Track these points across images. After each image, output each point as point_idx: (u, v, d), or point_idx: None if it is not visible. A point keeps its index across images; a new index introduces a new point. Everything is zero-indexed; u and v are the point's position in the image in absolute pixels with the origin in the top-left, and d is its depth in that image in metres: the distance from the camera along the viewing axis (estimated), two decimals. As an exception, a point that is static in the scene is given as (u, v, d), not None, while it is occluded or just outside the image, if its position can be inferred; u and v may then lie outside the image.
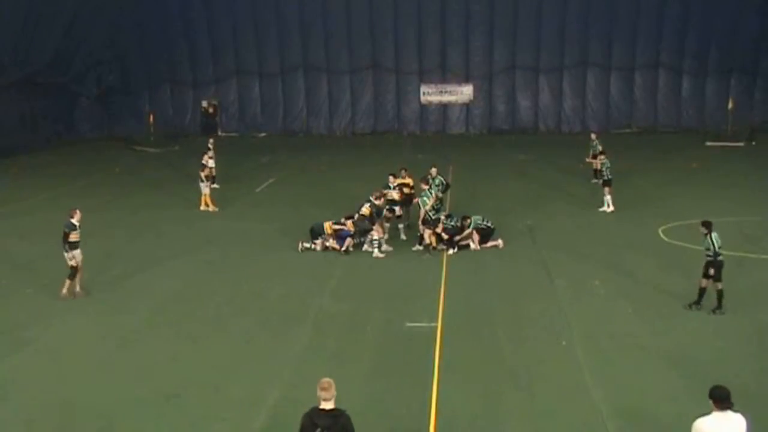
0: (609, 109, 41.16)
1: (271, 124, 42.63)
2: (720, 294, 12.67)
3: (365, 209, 17.03)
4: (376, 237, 16.87)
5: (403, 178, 19.07)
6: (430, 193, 17.23)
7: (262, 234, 19.04)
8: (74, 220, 13.87)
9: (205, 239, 18.68)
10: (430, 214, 16.91)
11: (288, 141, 39.76)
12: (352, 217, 17.31)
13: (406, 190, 18.83)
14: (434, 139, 39.49)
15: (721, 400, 6.30)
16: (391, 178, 18.64)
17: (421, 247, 17.09)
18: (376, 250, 16.80)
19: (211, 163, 24.58)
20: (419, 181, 17.90)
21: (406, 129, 42.23)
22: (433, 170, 18.77)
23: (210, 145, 25.43)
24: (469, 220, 17.19)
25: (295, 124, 42.66)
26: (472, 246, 17.05)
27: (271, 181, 27.31)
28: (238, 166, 30.76)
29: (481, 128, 41.92)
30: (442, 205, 17.94)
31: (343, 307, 13.45)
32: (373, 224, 16.96)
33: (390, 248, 17.24)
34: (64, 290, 13.98)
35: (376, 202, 17.10)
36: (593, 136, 25.24)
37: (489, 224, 17.31)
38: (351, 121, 42.43)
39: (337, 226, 17.10)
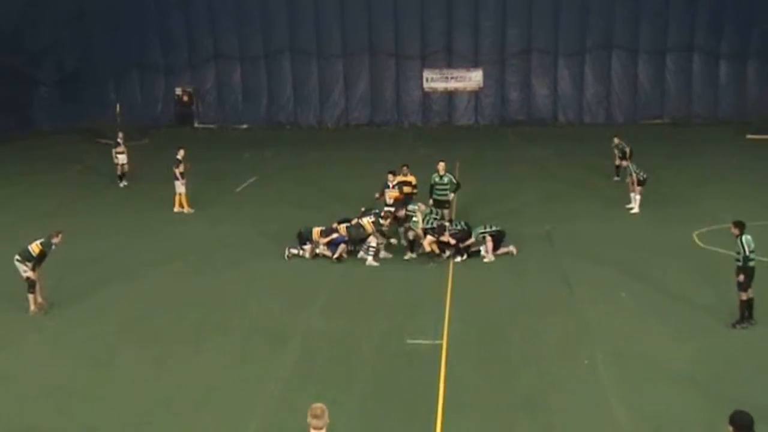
0: (636, 98, 41.15)
1: (254, 114, 42.58)
2: (745, 305, 12.67)
3: (367, 223, 16.99)
4: (373, 243, 16.89)
5: (404, 175, 19.05)
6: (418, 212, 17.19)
7: (243, 239, 19.02)
8: (55, 241, 14.21)
9: (179, 245, 18.70)
10: (430, 225, 16.87)
11: (273, 134, 39.72)
12: (346, 221, 17.33)
13: (407, 189, 18.81)
14: (439, 132, 39.48)
15: (744, 428, 6.23)
16: (390, 176, 18.62)
17: (414, 255, 17.11)
18: (370, 257, 16.79)
19: (121, 159, 25.98)
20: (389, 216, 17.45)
21: (407, 120, 42.19)
22: (441, 165, 18.76)
23: (120, 139, 26.34)
24: (471, 240, 17.04)
25: (281, 114, 42.63)
26: (487, 258, 16.88)
27: (253, 179, 27.26)
28: (217, 162, 30.72)
29: (491, 119, 41.89)
30: (439, 214, 17.81)
31: (336, 322, 13.43)
32: (371, 233, 16.96)
33: (389, 255, 17.26)
34: (33, 307, 14.09)
35: (383, 222, 17.08)
36: (616, 140, 25.35)
37: (495, 228, 17.22)
38: (344, 112, 42.38)
39: (326, 239, 17.01)
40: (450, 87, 42.00)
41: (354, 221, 17.24)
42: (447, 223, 17.14)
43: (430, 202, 18.50)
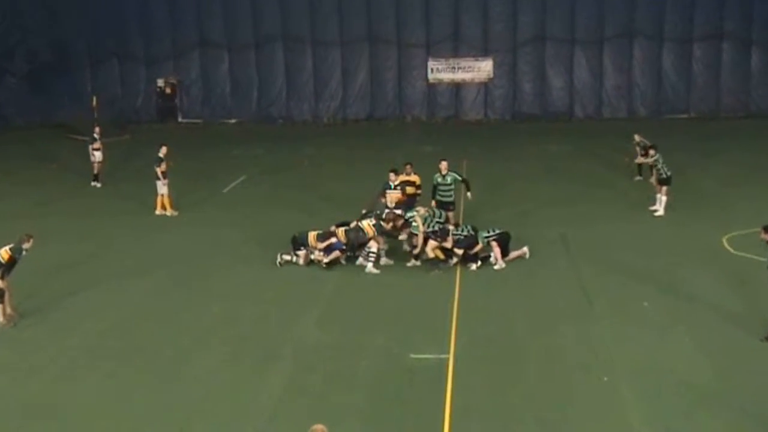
0: (661, 90, 41.11)
1: (243, 108, 42.55)
2: None
3: (367, 225, 17.02)
4: (374, 249, 16.90)
5: (408, 174, 19.07)
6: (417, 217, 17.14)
7: (231, 245, 19.03)
8: (26, 246, 14.19)
9: (161, 251, 18.72)
10: (432, 228, 16.85)
11: (264, 129, 39.71)
12: (345, 225, 17.36)
13: (410, 189, 18.82)
14: (445, 127, 39.49)
15: None
16: (392, 175, 18.63)
17: (418, 262, 17.10)
18: (369, 264, 16.81)
19: (98, 156, 26.12)
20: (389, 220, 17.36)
21: (410, 114, 42.19)
22: (443, 164, 18.77)
23: (96, 134, 26.47)
24: (479, 246, 16.99)
25: (272, 108, 42.60)
26: (497, 265, 16.84)
27: (242, 178, 27.28)
28: (203, 160, 30.73)
29: (502, 113, 41.85)
30: (443, 216, 17.78)
31: (332, 335, 13.45)
32: (371, 237, 16.99)
33: (390, 262, 17.27)
34: (1, 319, 14.07)
35: (385, 225, 17.08)
36: (637, 137, 25.40)
37: (498, 231, 17.14)
38: (342, 105, 42.35)
39: (323, 243, 17.04)
40: (457, 78, 41.97)
41: (353, 224, 17.27)
42: (451, 227, 17.14)
43: (433, 203, 18.46)
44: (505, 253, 17.07)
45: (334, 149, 33.69)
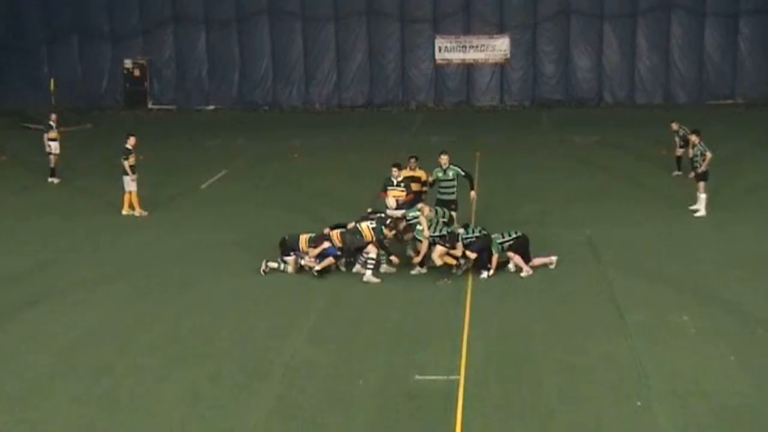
0: (703, 72, 41.22)
1: (223, 93, 42.68)
2: None
3: (366, 228, 16.99)
4: (372, 254, 16.87)
5: (412, 169, 19.10)
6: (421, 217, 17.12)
7: (209, 249, 19.04)
8: None
9: (129, 257, 18.68)
10: (439, 232, 16.85)
11: (247, 117, 39.86)
12: (342, 227, 17.34)
13: (415, 186, 18.84)
14: (455, 115, 39.52)
15: None
16: (395, 170, 18.63)
17: (423, 270, 17.09)
18: (368, 272, 16.80)
19: (54, 147, 26.06)
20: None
21: (414, 100, 42.27)
22: (444, 158, 18.76)
23: (52, 122, 26.47)
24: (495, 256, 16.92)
25: (256, 93, 42.71)
26: (524, 273, 16.78)
27: (222, 173, 27.40)
28: (176, 152, 30.84)
29: (520, 99, 41.99)
30: (446, 215, 17.81)
31: (326, 353, 13.41)
32: (370, 241, 16.95)
33: (392, 269, 17.26)
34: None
35: (385, 231, 17.02)
36: (675, 126, 25.43)
37: (515, 234, 17.10)
38: (336, 90, 42.47)
39: (316, 249, 17.03)
40: (468, 58, 42.11)
41: (351, 225, 17.25)
42: (461, 231, 17.13)
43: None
44: (526, 259, 17.05)
45: (327, 140, 33.82)
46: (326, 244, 17.07)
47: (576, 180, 25.56)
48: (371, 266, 16.84)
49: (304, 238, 17.30)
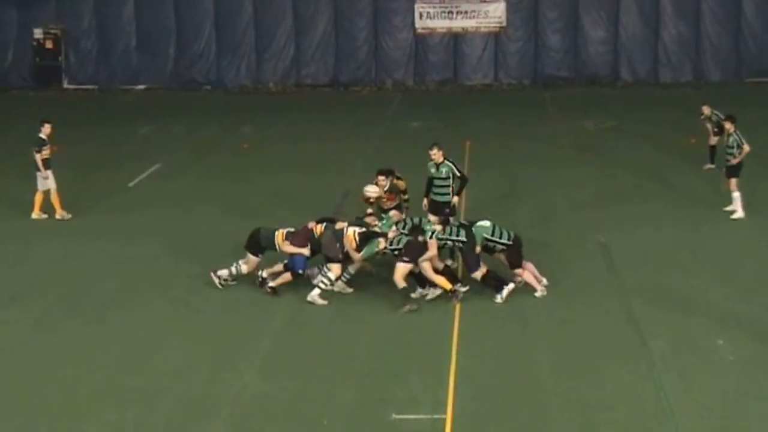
0: (739, 45, 41.45)
1: (155, 70, 42.54)
2: None
3: (351, 235, 16.60)
4: (332, 275, 16.36)
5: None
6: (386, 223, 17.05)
7: (139, 261, 18.82)
8: None
9: (38, 272, 18.38)
10: (396, 243, 16.47)
11: (184, 99, 39.76)
12: (329, 221, 17.03)
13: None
14: (440, 95, 39.57)
15: None
16: (381, 178, 18.29)
17: (426, 292, 16.59)
18: (316, 290, 16.29)
19: None
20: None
21: (390, 78, 42.30)
22: (435, 152, 18.56)
23: None
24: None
25: (196, 70, 42.60)
26: (538, 293, 16.51)
27: (155, 168, 27.20)
28: (99, 142, 30.45)
29: (520, 76, 42.08)
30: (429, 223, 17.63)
31: (283, 387, 13.25)
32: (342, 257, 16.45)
33: (349, 289, 16.81)
34: None
35: (379, 245, 16.68)
36: (706, 110, 25.47)
37: (508, 235, 16.69)
38: (294, 66, 42.43)
39: (290, 247, 16.66)
40: (456, 27, 42.16)
41: (340, 224, 16.83)
42: (437, 227, 16.60)
43: (424, 202, 18.49)
44: (516, 264, 16.57)
45: (283, 127, 33.80)
46: (303, 250, 16.62)
47: (586, 175, 25.32)
48: (324, 286, 16.32)
49: (281, 234, 16.85)
